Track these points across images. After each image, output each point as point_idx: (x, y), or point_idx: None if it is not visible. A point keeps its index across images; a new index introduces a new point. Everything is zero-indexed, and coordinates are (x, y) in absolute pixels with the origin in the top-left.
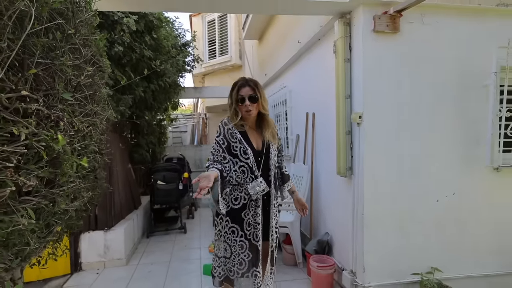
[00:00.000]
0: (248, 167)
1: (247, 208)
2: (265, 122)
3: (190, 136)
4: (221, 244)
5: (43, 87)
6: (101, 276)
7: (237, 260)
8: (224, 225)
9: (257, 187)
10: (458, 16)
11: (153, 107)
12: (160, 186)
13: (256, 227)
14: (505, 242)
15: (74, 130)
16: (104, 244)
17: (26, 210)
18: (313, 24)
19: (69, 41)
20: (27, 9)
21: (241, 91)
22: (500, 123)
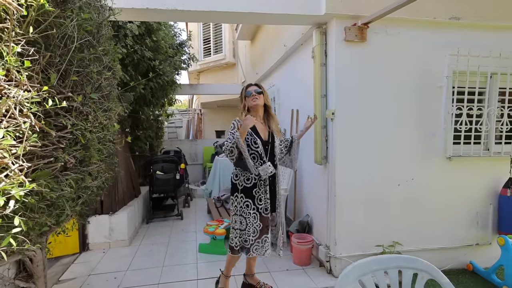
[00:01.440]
0: (258, 154)
1: (257, 186)
2: (270, 116)
3: (185, 131)
4: (237, 218)
5: (78, 89)
6: (107, 254)
7: (251, 229)
8: (240, 201)
9: (267, 169)
10: (417, 27)
11: (152, 103)
12: (159, 176)
13: (267, 202)
14: (455, 219)
15: (98, 122)
16: (109, 226)
17: (69, 181)
18: (297, 31)
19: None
20: (71, 34)
21: (248, 88)
22: (452, 119)
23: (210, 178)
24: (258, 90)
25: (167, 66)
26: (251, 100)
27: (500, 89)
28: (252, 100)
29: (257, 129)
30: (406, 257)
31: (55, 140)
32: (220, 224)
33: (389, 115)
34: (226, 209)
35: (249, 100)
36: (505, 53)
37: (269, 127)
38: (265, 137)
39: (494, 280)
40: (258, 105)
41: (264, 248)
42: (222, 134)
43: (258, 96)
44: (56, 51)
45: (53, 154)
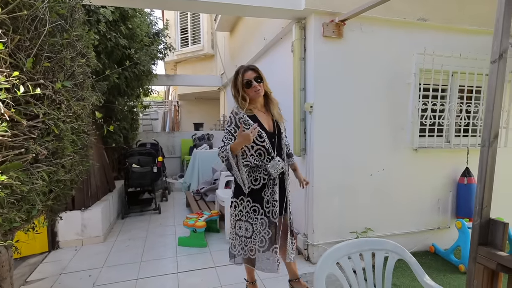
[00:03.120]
0: (264, 149)
1: (266, 187)
2: (270, 101)
3: (161, 123)
4: (242, 224)
5: (50, 76)
6: (80, 252)
7: (258, 238)
8: (245, 205)
9: (276, 165)
10: (389, 27)
11: (126, 94)
12: (135, 169)
13: (274, 205)
14: (419, 205)
15: (72, 112)
16: (82, 223)
17: (41, 174)
18: (276, 24)
19: (67, 38)
20: (43, 16)
21: (245, 75)
22: (418, 114)
23: (188, 171)
24: (258, 77)
25: (143, 55)
26: (253, 93)
27: (460, 86)
28: (255, 92)
29: (260, 120)
30: (377, 239)
31: (26, 130)
32: (200, 217)
33: (363, 109)
34: (205, 202)
35: (250, 91)
36: (465, 54)
37: (272, 114)
38: (270, 128)
39: (452, 260)
40: (260, 96)
41: (275, 262)
42: (200, 126)
43: (260, 86)
44: (25, 34)
45: (23, 144)
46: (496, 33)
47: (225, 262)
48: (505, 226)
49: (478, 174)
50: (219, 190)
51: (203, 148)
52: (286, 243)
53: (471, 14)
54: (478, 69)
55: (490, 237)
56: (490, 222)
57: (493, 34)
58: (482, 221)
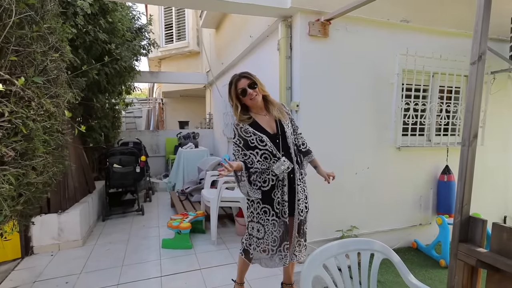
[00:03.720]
0: (269, 152)
1: (276, 188)
2: (270, 103)
3: (145, 121)
4: (254, 225)
5: (17, 71)
6: (57, 258)
7: (270, 238)
8: (256, 206)
9: (282, 166)
10: (373, 27)
11: (107, 91)
12: (116, 169)
13: (284, 205)
14: (403, 203)
15: (43, 110)
16: (58, 226)
17: (7, 177)
18: (263, 22)
19: (38, 30)
20: (8, 6)
21: (238, 85)
22: (401, 113)
23: (173, 170)
24: (252, 83)
25: (125, 50)
26: (250, 100)
27: (440, 87)
28: (251, 99)
29: (260, 124)
30: (364, 240)
31: None
32: (185, 218)
33: (348, 108)
34: (191, 202)
35: (246, 100)
36: (445, 55)
37: (273, 115)
38: (272, 130)
39: (433, 255)
40: (257, 102)
41: (286, 257)
42: (185, 125)
43: (256, 91)
44: None
45: None
46: (475, 35)
47: (211, 264)
48: (483, 223)
49: (459, 173)
50: (204, 190)
51: (188, 147)
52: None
53: (451, 16)
54: (457, 70)
55: (470, 234)
56: (470, 220)
57: (472, 37)
58: (462, 218)
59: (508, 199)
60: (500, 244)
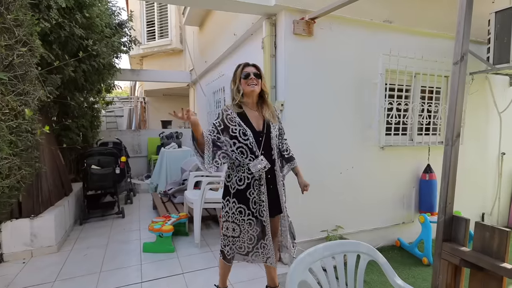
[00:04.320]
0: (247, 148)
1: (252, 187)
2: (265, 103)
3: (127, 120)
4: (229, 225)
5: None
6: (29, 265)
7: (246, 237)
8: (231, 206)
9: (258, 164)
10: (357, 26)
11: (85, 89)
12: (94, 170)
13: (262, 205)
14: (386, 202)
15: (9, 108)
16: (31, 232)
17: None
18: (247, 20)
19: (2, 21)
20: None
21: (246, 68)
22: (384, 113)
23: (155, 171)
24: (257, 73)
25: (103, 47)
26: (247, 84)
27: (422, 87)
28: (249, 84)
29: (249, 118)
30: (350, 242)
31: None
32: (167, 220)
33: (333, 107)
34: (173, 204)
35: (244, 83)
36: (426, 56)
37: (263, 115)
38: (258, 127)
39: (416, 253)
40: (254, 92)
41: (265, 254)
42: (168, 124)
43: (257, 81)
44: None
45: None
46: (457, 36)
47: (194, 268)
48: (466, 222)
49: (442, 172)
50: (187, 191)
51: (171, 147)
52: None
53: (432, 18)
54: (437, 70)
55: (453, 233)
56: (453, 219)
57: (455, 37)
58: (446, 217)
59: (486, 197)
60: (483, 243)
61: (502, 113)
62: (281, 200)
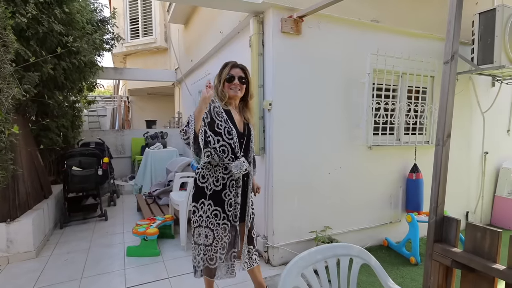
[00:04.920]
0: (230, 147)
1: (227, 188)
2: (247, 108)
3: (110, 120)
4: (201, 230)
5: None
6: (5, 272)
7: (219, 245)
8: (206, 209)
9: (241, 166)
10: (345, 25)
11: (65, 87)
12: (75, 172)
13: (236, 207)
14: (374, 201)
15: None
16: (7, 237)
17: None
18: (233, 18)
19: None
20: None
21: (232, 70)
22: (372, 113)
23: (140, 172)
24: (243, 78)
25: (84, 44)
26: (230, 89)
27: (409, 87)
28: (231, 88)
29: (234, 118)
30: (342, 245)
31: None
32: (152, 223)
33: (321, 107)
34: (158, 206)
35: (228, 86)
36: (413, 56)
37: (244, 118)
38: (241, 129)
39: (404, 253)
40: (236, 97)
41: (233, 267)
42: (153, 124)
43: (241, 87)
44: None
45: None
46: (448, 35)
47: (180, 272)
48: (457, 223)
49: (433, 173)
50: (173, 192)
51: (156, 147)
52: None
53: (418, 18)
54: (424, 71)
55: (444, 234)
56: (444, 219)
57: (445, 36)
58: (437, 218)
59: (470, 196)
60: (474, 244)
61: (485, 113)
62: (248, 204)
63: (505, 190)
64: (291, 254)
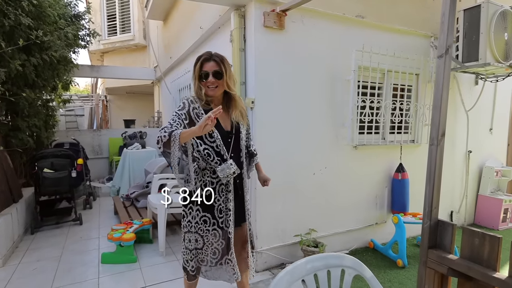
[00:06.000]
0: (213, 150)
1: (217, 193)
2: (233, 102)
3: (88, 120)
4: (191, 236)
5: None
6: None
7: (210, 250)
8: (195, 215)
9: (227, 169)
10: (329, 21)
11: (37, 85)
12: (47, 174)
13: (228, 213)
14: (359, 202)
15: None
16: None
17: None
18: (214, 12)
19: None
20: None
21: (204, 66)
22: (357, 111)
23: (117, 173)
24: (218, 72)
25: (57, 39)
26: (207, 87)
27: (394, 85)
28: (208, 86)
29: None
30: (334, 255)
31: None
32: (129, 227)
33: (305, 105)
34: (136, 209)
35: (205, 85)
36: (398, 53)
37: (230, 115)
38: (226, 127)
39: (390, 255)
40: (215, 95)
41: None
42: (131, 123)
43: (217, 83)
44: None
45: None
46: (442, 27)
47: (158, 280)
48: (453, 227)
49: (427, 174)
50: (151, 195)
51: (134, 147)
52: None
53: (403, 14)
54: (409, 68)
55: (438, 239)
56: (438, 224)
57: (439, 29)
58: (432, 223)
59: (454, 195)
60: (472, 250)
61: (469, 112)
62: (246, 208)
63: (488, 189)
64: (275, 259)
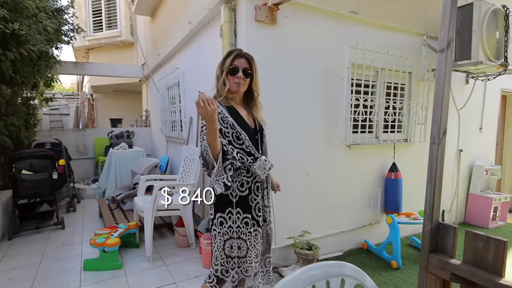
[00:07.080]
0: (244, 152)
1: (253, 192)
2: (257, 103)
3: (73, 119)
4: (234, 242)
5: None
6: None
7: (253, 254)
8: (235, 218)
9: (264, 165)
10: (322, 16)
11: (15, 82)
12: (25, 176)
13: (265, 210)
14: (353, 203)
15: None
16: None
17: None
18: (203, 6)
19: None
20: None
21: (236, 61)
22: (351, 109)
23: (103, 174)
24: (248, 70)
25: (35, 32)
26: (233, 82)
27: (387, 83)
28: (235, 83)
29: (241, 115)
30: (331, 263)
31: None
32: (114, 232)
33: (299, 103)
34: (122, 211)
35: (231, 80)
36: (391, 51)
37: (252, 114)
38: (251, 124)
39: (384, 256)
40: (239, 90)
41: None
42: (118, 122)
43: (244, 81)
44: None
45: None
46: (443, 19)
47: (145, 287)
48: (455, 231)
49: (428, 175)
50: (137, 197)
51: (121, 147)
52: None
53: (396, 12)
54: (402, 66)
55: (440, 243)
56: (439, 226)
57: (440, 22)
58: (433, 226)
59: (445, 194)
60: (475, 255)
61: (460, 111)
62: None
63: (478, 188)
64: None
